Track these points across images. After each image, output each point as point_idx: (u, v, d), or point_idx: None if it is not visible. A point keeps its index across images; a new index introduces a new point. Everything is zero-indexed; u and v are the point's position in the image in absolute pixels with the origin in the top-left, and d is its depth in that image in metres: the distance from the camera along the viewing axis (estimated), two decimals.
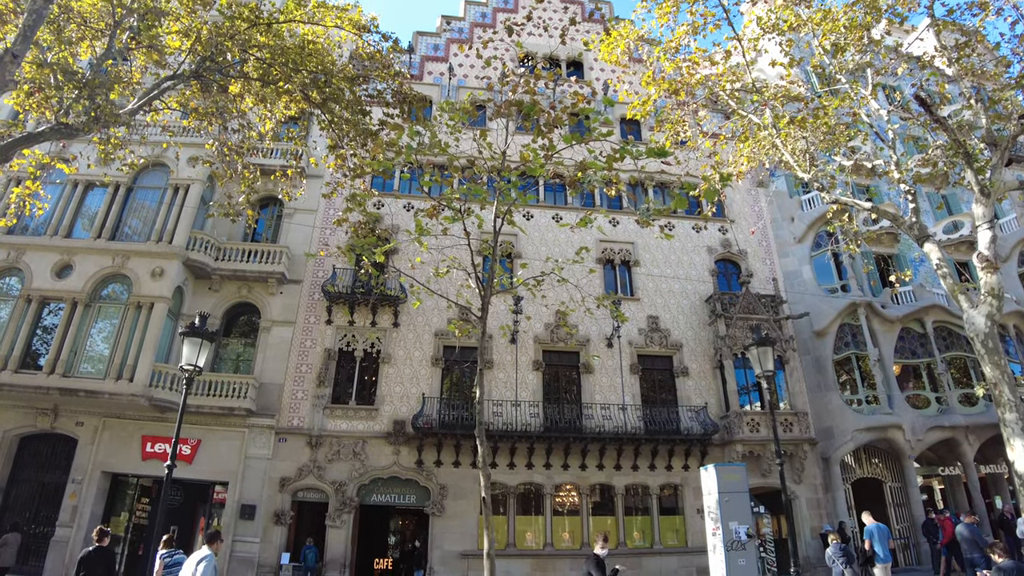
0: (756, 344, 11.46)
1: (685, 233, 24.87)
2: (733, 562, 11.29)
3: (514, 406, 20.12)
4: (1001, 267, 27.99)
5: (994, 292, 11.05)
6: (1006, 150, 12.24)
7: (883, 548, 12.95)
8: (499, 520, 19.74)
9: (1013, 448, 10.16)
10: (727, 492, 11.65)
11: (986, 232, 11.58)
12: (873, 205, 12.97)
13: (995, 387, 10.58)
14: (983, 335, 10.87)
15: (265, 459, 19.65)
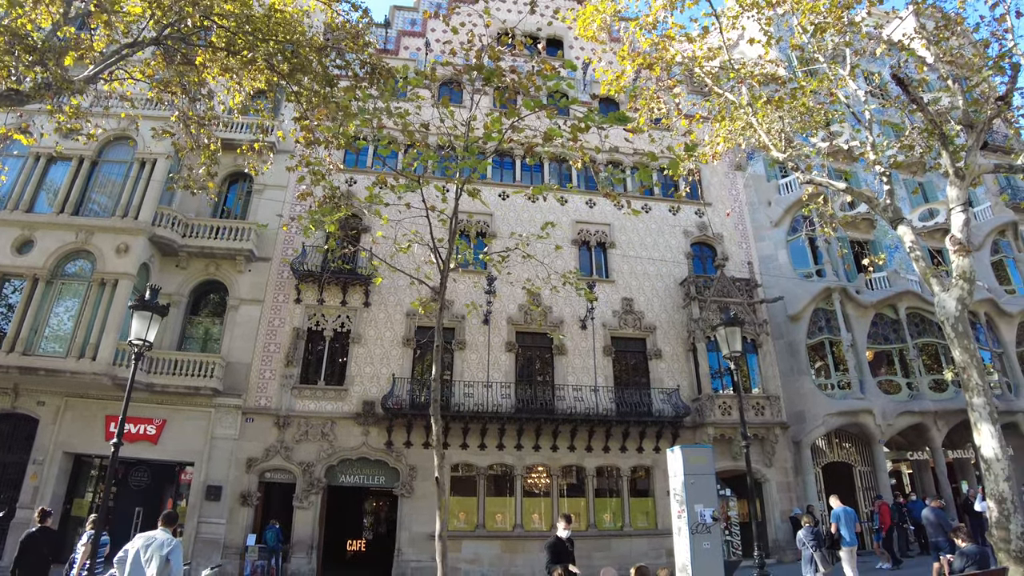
0: (724, 324, 11.18)
1: (661, 216, 24.58)
2: (698, 545, 11.04)
3: (486, 387, 19.81)
4: (974, 253, 28.05)
5: (965, 276, 10.86)
6: (982, 132, 12.02)
7: (849, 531, 12.81)
8: (469, 502, 19.51)
9: (980, 432, 10.01)
10: (693, 474, 11.37)
11: (959, 215, 11.38)
12: (848, 186, 12.72)
13: (964, 371, 10.42)
14: (953, 319, 10.69)
15: (232, 439, 19.21)
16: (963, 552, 8.98)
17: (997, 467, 9.67)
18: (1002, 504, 9.42)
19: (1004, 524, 9.31)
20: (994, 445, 9.78)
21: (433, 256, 9.83)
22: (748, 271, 23.57)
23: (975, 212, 29.86)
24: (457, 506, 19.44)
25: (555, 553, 9.39)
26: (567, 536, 9.93)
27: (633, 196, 24.52)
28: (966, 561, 8.82)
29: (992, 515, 9.52)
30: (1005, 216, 29.46)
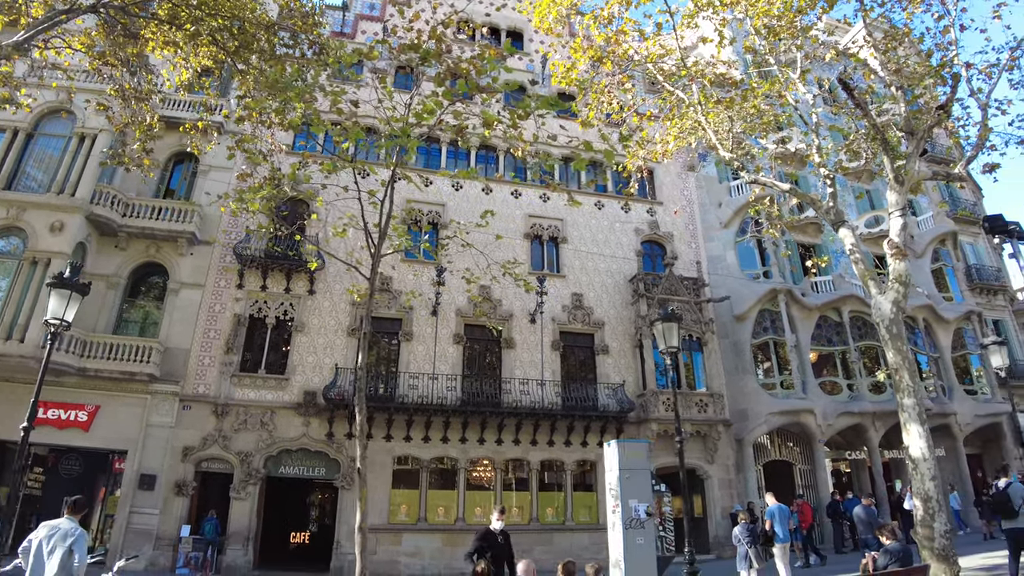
0: (662, 320, 11.08)
1: (614, 213, 24.56)
2: (631, 540, 10.94)
3: (431, 379, 19.49)
4: (911, 258, 28.73)
5: (901, 279, 10.99)
6: (922, 140, 12.18)
7: (783, 528, 12.88)
8: (411, 494, 19.21)
9: (909, 432, 10.13)
10: (629, 469, 11.26)
11: (898, 219, 11.51)
12: (792, 188, 12.78)
13: (896, 372, 10.54)
14: (888, 320, 10.80)
15: (168, 427, 18.51)
16: (887, 549, 9.01)
17: (924, 466, 9.78)
18: (927, 503, 9.53)
19: (928, 522, 9.42)
20: (922, 445, 9.90)
21: (367, 241, 9.42)
22: (696, 270, 23.72)
23: (918, 221, 30.61)
24: (399, 499, 19.11)
25: (481, 544, 9.15)
26: (500, 528, 9.70)
27: (586, 192, 24.47)
28: (889, 558, 8.86)
29: (918, 513, 9.64)
30: (945, 226, 30.25)
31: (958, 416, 26.02)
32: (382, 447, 19.10)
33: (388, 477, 19.07)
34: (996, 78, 12.59)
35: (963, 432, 26.31)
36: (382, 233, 9.38)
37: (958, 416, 26.02)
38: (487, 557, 8.87)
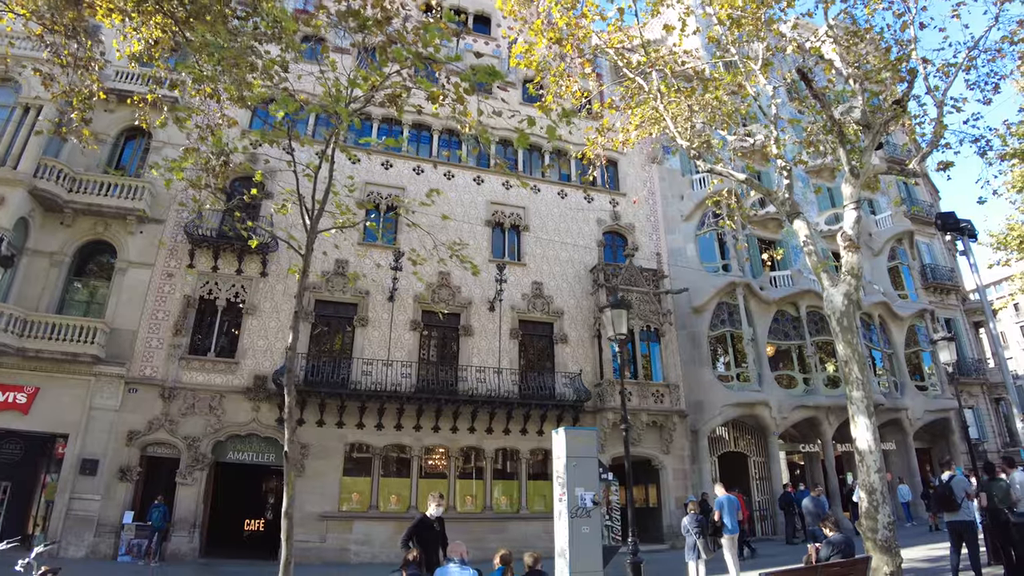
0: (611, 307, 10.83)
1: (576, 202, 24.28)
2: (576, 530, 10.68)
3: (386, 365, 19.04)
4: (869, 256, 29.04)
5: (854, 271, 10.90)
6: (878, 134, 12.09)
7: (731, 519, 12.77)
8: (363, 482, 18.79)
9: (856, 425, 10.04)
10: (576, 456, 10.98)
11: (852, 212, 11.43)
12: (747, 178, 12.59)
13: (845, 365, 10.44)
14: (839, 313, 10.70)
15: (112, 411, 17.79)
16: (830, 541, 8.91)
17: (870, 459, 9.69)
18: (872, 495, 9.44)
19: (873, 514, 9.33)
20: (868, 438, 9.81)
21: (303, 216, 8.95)
22: (656, 262, 23.58)
23: (877, 220, 30.97)
24: (351, 486, 18.68)
25: (414, 531, 8.81)
26: (437, 515, 9.36)
27: (549, 181, 24.17)
28: (832, 550, 8.75)
29: (863, 505, 9.54)
30: (903, 225, 30.65)
31: (909, 411, 26.42)
32: (334, 433, 18.64)
33: (340, 464, 18.62)
34: (953, 77, 12.57)
35: (913, 427, 26.74)
36: (316, 208, 8.90)
37: (909, 411, 26.42)
38: (414, 543, 8.55)
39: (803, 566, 9.14)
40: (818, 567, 8.47)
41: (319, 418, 18.62)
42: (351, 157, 9.75)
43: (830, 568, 8.53)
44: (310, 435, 18.51)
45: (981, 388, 32.35)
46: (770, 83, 13.70)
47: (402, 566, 7.12)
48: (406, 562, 7.21)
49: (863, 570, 8.83)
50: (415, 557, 7.42)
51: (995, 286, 59.20)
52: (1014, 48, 13.07)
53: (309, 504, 18.01)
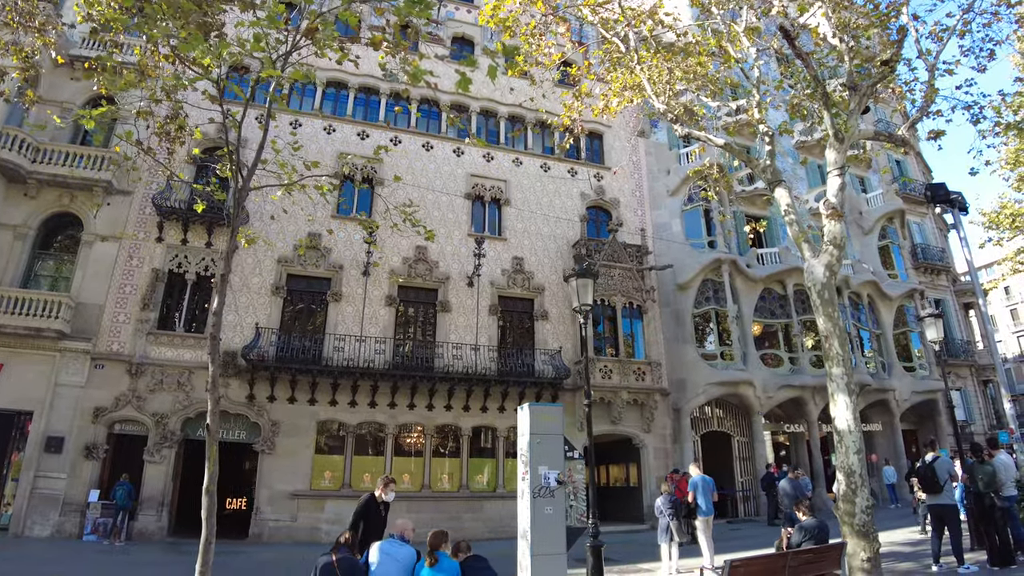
0: (576, 276, 10.09)
1: (560, 176, 23.43)
2: (539, 510, 10.04)
3: (359, 341, 18.32)
4: (860, 234, 28.32)
5: (836, 241, 10.17)
6: (865, 96, 11.31)
7: (706, 500, 12.12)
8: (335, 460, 18.20)
9: (836, 403, 9.38)
10: (540, 434, 10.33)
11: (835, 179, 10.66)
12: (726, 143, 11.80)
13: (826, 340, 9.77)
14: (820, 285, 10.00)
15: (78, 387, 17.11)
16: (802, 526, 8.27)
17: (849, 439, 9.04)
18: (850, 477, 8.80)
19: (850, 497, 8.69)
20: (848, 417, 9.16)
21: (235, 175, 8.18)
22: (641, 237, 22.78)
23: (868, 198, 30.21)
24: (323, 464, 18.07)
25: (361, 514, 8.15)
26: (389, 500, 8.70)
27: (532, 154, 23.30)
28: (804, 535, 8.12)
29: (840, 488, 8.89)
30: (894, 203, 29.90)
31: (896, 392, 25.86)
32: (306, 411, 18.00)
33: (311, 442, 17.99)
34: (946, 41, 11.80)
35: (900, 408, 26.19)
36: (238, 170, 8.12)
37: (896, 392, 25.86)
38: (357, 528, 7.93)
39: (773, 552, 8.51)
40: (788, 554, 7.83)
41: (290, 395, 17.96)
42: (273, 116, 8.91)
43: (801, 555, 7.90)
44: (281, 412, 17.86)
45: (970, 370, 31.80)
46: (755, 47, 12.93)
47: (332, 548, 6.46)
48: (337, 544, 6.56)
49: (836, 557, 8.22)
50: (347, 539, 6.76)
51: (986, 269, 58.61)
52: (1011, 11, 12.29)
53: (280, 482, 17.43)
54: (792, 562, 7.76)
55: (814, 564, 8.03)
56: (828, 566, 8.20)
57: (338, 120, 21.13)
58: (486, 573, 6.72)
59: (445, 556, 6.57)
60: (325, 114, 21.15)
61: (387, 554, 6.63)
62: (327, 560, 6.36)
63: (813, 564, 8.04)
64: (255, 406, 17.75)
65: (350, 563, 6.45)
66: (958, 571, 9.76)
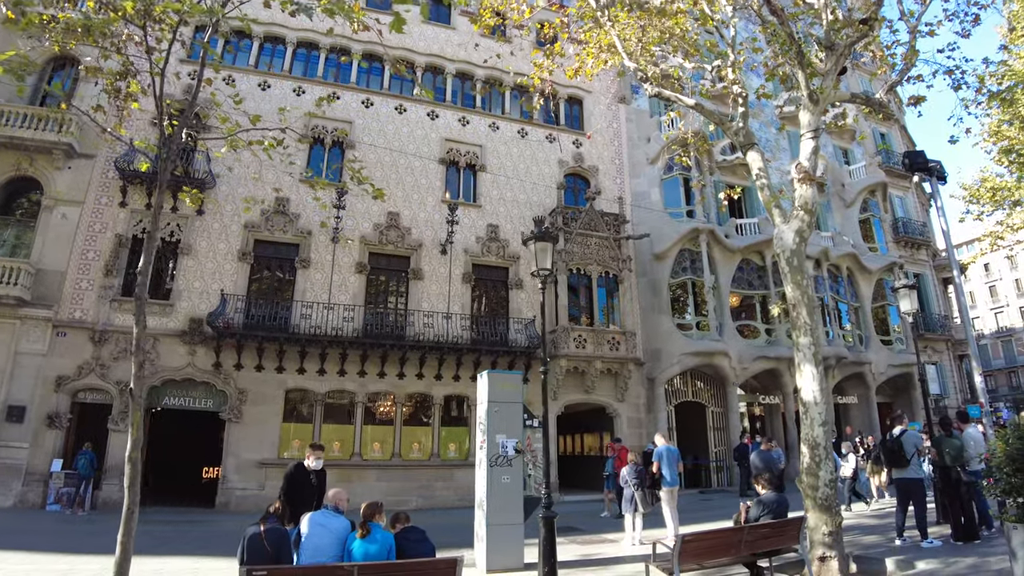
0: (535, 239, 9.59)
1: (538, 142, 22.72)
2: (496, 479, 9.74)
3: (327, 308, 17.77)
4: (842, 207, 27.90)
5: (807, 206, 9.68)
6: (842, 56, 10.71)
7: (671, 471, 11.76)
8: (304, 428, 17.80)
9: (802, 373, 8.97)
10: (498, 402, 9.99)
11: (809, 142, 10.11)
12: (697, 103, 11.20)
13: (794, 308, 9.36)
14: (789, 252, 9.57)
15: (40, 355, 16.53)
16: (761, 500, 7.91)
17: (814, 411, 8.65)
18: (815, 449, 8.43)
19: (814, 470, 8.33)
20: (814, 388, 8.77)
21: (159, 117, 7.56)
22: (618, 206, 22.21)
23: (850, 171, 29.73)
24: (292, 433, 17.67)
25: (289, 484, 7.70)
26: (316, 467, 8.24)
27: (510, 119, 22.56)
28: (762, 509, 7.76)
29: (804, 460, 8.53)
30: (876, 176, 29.47)
31: (872, 365, 25.70)
32: (272, 378, 17.53)
33: (279, 410, 17.57)
34: (929, 2, 11.22)
35: (876, 381, 26.06)
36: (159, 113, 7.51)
37: (872, 365, 25.70)
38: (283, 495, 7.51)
39: (729, 527, 8.17)
40: (744, 528, 7.48)
41: (258, 363, 17.45)
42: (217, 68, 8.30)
43: (758, 529, 7.55)
44: (248, 380, 17.39)
45: (946, 344, 31.67)
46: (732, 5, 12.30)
47: (261, 519, 6.04)
48: (267, 514, 6.13)
49: (795, 531, 7.88)
50: (276, 509, 6.34)
51: (967, 246, 58.52)
52: None
53: (247, 451, 17.04)
54: (748, 536, 7.42)
55: (772, 539, 7.71)
56: (787, 541, 7.88)
57: (308, 82, 20.30)
58: (423, 546, 6.33)
59: (378, 527, 6.19)
60: (295, 76, 20.33)
61: (319, 525, 6.24)
62: (255, 531, 5.94)
63: (771, 539, 7.71)
64: (222, 374, 17.26)
65: (278, 533, 6.05)
66: (921, 545, 9.48)
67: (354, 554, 5.93)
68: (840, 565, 7.97)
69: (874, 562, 9.06)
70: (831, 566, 8.00)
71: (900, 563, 8.75)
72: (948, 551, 9.12)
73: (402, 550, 6.15)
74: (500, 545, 9.42)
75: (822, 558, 8.03)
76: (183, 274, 17.83)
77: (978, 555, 8.61)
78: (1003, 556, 6.99)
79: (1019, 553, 6.54)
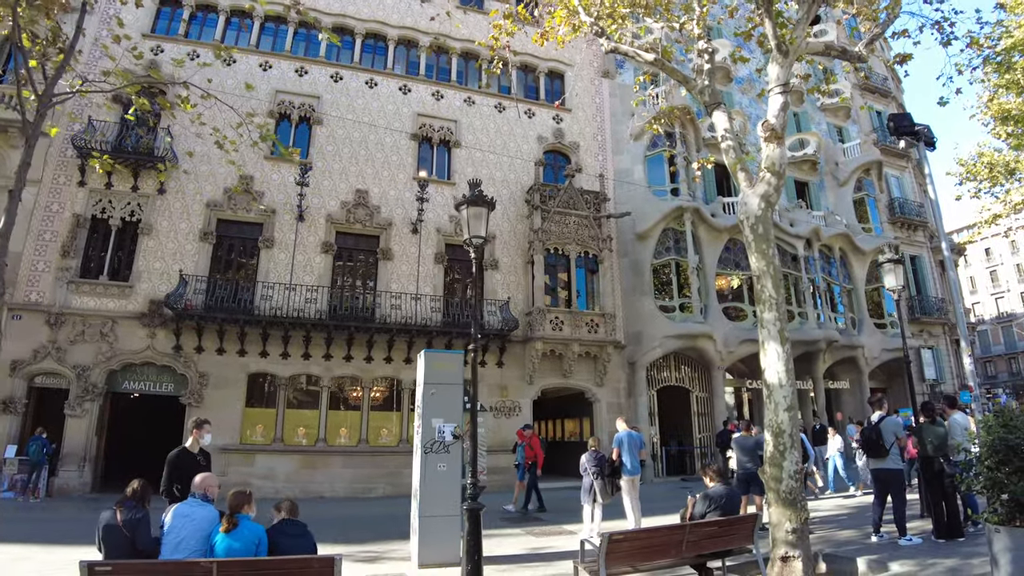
0: (467, 203, 8.49)
1: (515, 118, 21.42)
2: (431, 467, 8.77)
3: (287, 289, 16.73)
4: (835, 185, 26.55)
5: (774, 168, 8.52)
6: (814, 4, 9.53)
7: (631, 458, 10.68)
8: (267, 413, 16.85)
9: (766, 352, 7.93)
10: (436, 383, 9.00)
11: (777, 97, 8.93)
12: (657, 58, 10.02)
13: (758, 280, 8.26)
14: (754, 218, 8.44)
15: None
16: (707, 494, 6.84)
17: (779, 394, 7.59)
18: (779, 437, 7.37)
19: (778, 460, 7.27)
20: (779, 369, 7.71)
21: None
22: (599, 183, 20.94)
23: (844, 148, 28.38)
24: (254, 418, 16.71)
25: (175, 467, 6.69)
26: (202, 443, 7.23)
27: (487, 92, 21.28)
28: (708, 505, 6.69)
29: (767, 449, 7.46)
30: (871, 154, 28.08)
31: (865, 349, 24.52)
32: (235, 362, 16.56)
33: (242, 394, 16.61)
34: None
35: (869, 365, 24.86)
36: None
37: (865, 349, 24.52)
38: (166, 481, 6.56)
39: (667, 525, 7.09)
40: (685, 526, 6.40)
41: (219, 346, 16.49)
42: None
43: (703, 527, 6.48)
44: (209, 364, 16.42)
45: (943, 328, 30.30)
46: None
47: (117, 503, 5.17)
48: (124, 498, 5.26)
49: (748, 530, 6.81)
50: (134, 491, 5.43)
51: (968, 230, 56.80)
52: None
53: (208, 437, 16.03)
54: (691, 536, 6.35)
55: (720, 538, 6.64)
56: (739, 540, 6.81)
57: (276, 56, 19.14)
58: (300, 541, 5.41)
59: (247, 520, 5.28)
60: (263, 51, 19.19)
61: (183, 516, 5.33)
62: (109, 518, 5.24)
63: (719, 538, 6.64)
64: (182, 357, 16.30)
65: (135, 521, 5.30)
66: (899, 543, 8.37)
67: (216, 549, 5.09)
68: (804, 567, 6.90)
69: (845, 561, 8.00)
70: (794, 567, 6.93)
71: (872, 564, 7.67)
72: (928, 550, 8.03)
73: (276, 545, 5.28)
74: (434, 538, 8.45)
75: (784, 558, 6.96)
76: (143, 255, 16.82)
77: (960, 556, 7.50)
78: (987, 558, 5.88)
79: (1001, 560, 5.44)
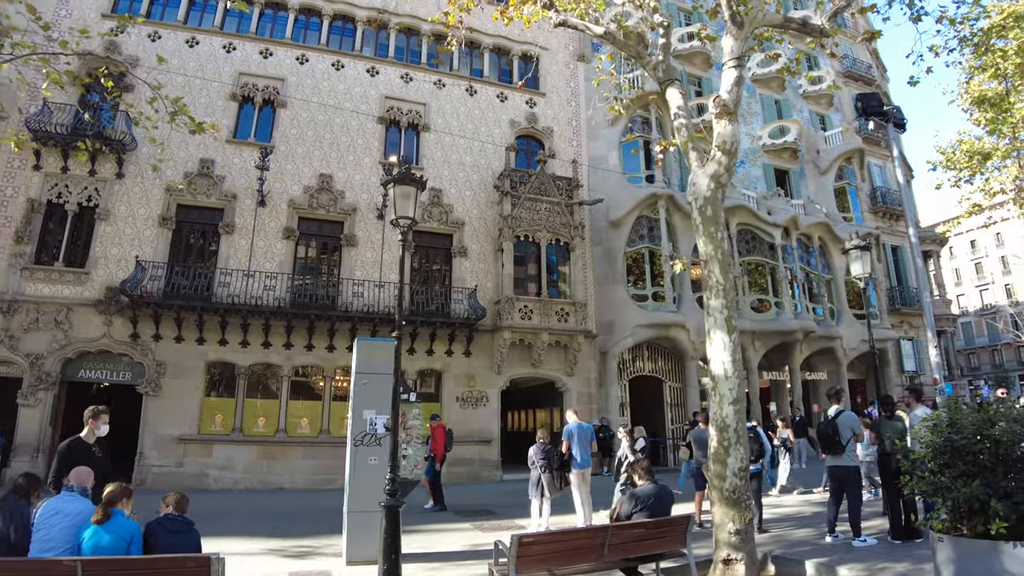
0: (395, 182, 7.82)
1: (487, 101, 20.68)
2: (361, 460, 8.26)
3: (247, 276, 16.05)
4: (816, 174, 25.86)
5: (726, 147, 7.88)
6: None
7: (582, 451, 10.07)
8: (226, 403, 16.23)
9: (712, 341, 7.30)
10: (368, 373, 8.52)
11: (731, 71, 8.26)
12: (606, 31, 9.32)
13: (705, 265, 7.65)
14: (703, 199, 7.84)
15: None
16: (634, 494, 6.21)
17: (724, 386, 6.98)
18: (723, 432, 6.81)
19: (722, 457, 6.71)
20: (725, 359, 7.08)
21: None
22: (572, 169, 20.20)
23: (826, 136, 27.70)
24: (213, 407, 16.09)
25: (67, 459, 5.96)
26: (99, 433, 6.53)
27: (457, 75, 20.45)
28: (635, 505, 6.06)
29: (711, 445, 6.88)
30: (853, 143, 27.46)
31: (843, 340, 23.97)
32: (193, 351, 15.92)
33: (200, 384, 15.98)
34: None
35: (848, 356, 24.33)
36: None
37: (843, 340, 23.97)
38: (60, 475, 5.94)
39: (584, 526, 6.48)
40: (607, 527, 5.79)
41: (177, 334, 15.82)
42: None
43: (628, 530, 5.87)
44: (167, 352, 15.77)
45: (924, 320, 29.68)
46: None
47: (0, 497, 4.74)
48: (11, 489, 4.81)
49: (681, 532, 6.20)
50: (17, 485, 4.96)
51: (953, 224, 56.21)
52: None
53: (165, 426, 15.48)
54: (614, 539, 5.73)
55: (648, 541, 6.03)
56: (670, 544, 6.21)
57: (240, 37, 18.34)
58: (182, 538, 4.90)
59: (121, 515, 4.77)
60: (227, 32, 18.39)
61: (54, 512, 4.80)
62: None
63: (647, 541, 6.03)
64: (139, 345, 15.65)
65: (12, 516, 4.93)
66: (853, 544, 7.78)
67: (83, 545, 4.59)
68: (747, 570, 6.32)
69: (794, 564, 7.43)
70: (736, 570, 6.36)
71: (820, 567, 7.10)
72: (881, 552, 7.44)
73: (154, 543, 4.78)
74: (363, 534, 7.88)
75: (727, 560, 6.40)
76: (100, 241, 16.12)
77: (912, 560, 6.91)
78: None
79: (944, 572, 4.84)
